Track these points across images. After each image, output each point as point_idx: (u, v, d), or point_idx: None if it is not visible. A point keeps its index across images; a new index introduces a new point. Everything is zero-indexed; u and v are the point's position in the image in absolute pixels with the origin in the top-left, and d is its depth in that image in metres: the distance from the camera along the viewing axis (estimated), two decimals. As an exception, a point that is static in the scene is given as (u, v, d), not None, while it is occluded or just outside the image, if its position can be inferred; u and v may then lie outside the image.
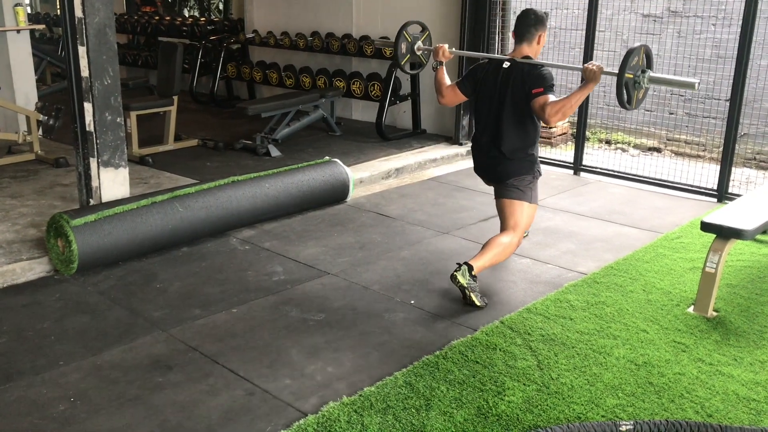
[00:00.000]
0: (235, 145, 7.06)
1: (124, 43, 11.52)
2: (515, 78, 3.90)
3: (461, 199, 5.80)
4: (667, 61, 7.19)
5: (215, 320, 3.65)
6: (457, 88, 4.16)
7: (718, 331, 3.55)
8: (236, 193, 4.86)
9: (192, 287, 4.05)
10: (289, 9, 9.04)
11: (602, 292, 3.98)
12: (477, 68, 4.13)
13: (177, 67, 6.89)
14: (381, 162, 6.69)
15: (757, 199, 4.22)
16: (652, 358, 3.27)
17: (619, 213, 5.43)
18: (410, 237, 4.91)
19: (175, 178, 5.94)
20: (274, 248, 4.65)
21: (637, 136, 7.71)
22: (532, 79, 3.83)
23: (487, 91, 4.03)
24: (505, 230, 4.00)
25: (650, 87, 3.75)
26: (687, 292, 3.98)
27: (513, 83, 3.90)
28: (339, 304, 3.85)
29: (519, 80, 3.88)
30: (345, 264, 4.41)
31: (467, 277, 3.76)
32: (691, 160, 6.90)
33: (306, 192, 5.28)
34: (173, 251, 4.55)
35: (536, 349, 3.35)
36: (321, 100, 7.52)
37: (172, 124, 6.96)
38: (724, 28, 6.82)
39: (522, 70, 3.88)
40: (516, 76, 3.89)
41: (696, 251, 4.54)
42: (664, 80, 3.78)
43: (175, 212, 4.51)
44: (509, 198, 4.01)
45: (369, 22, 8.15)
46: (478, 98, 4.11)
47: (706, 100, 7.19)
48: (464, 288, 3.77)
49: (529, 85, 3.82)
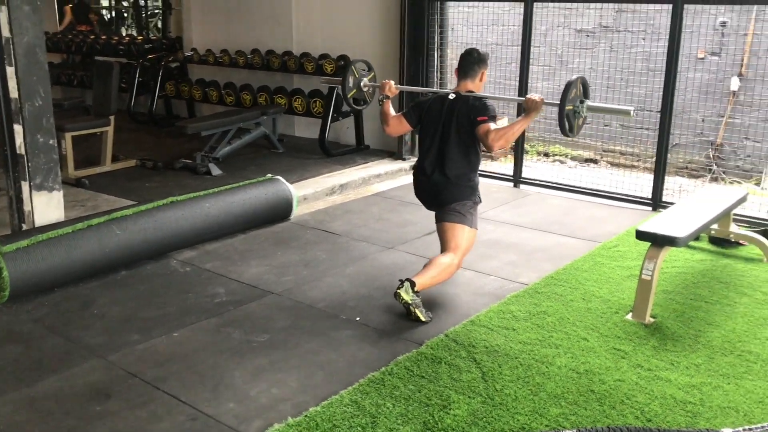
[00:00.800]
0: (175, 164, 6.94)
1: (58, 62, 11.25)
2: (460, 108, 4.09)
3: (406, 213, 5.83)
4: (601, 75, 7.41)
5: (155, 345, 3.56)
6: (404, 118, 4.34)
7: (655, 336, 3.65)
8: (176, 213, 4.78)
9: (131, 312, 3.95)
10: (228, 27, 8.98)
11: (543, 302, 4.05)
12: (422, 101, 4.36)
13: (113, 86, 6.76)
14: (325, 178, 6.68)
15: (689, 207, 4.37)
16: (593, 366, 3.34)
17: (559, 223, 5.54)
18: (355, 253, 4.90)
19: (113, 200, 5.81)
20: (215, 269, 4.58)
21: (574, 148, 7.90)
22: (476, 109, 4.05)
23: (433, 121, 4.20)
24: (445, 251, 4.05)
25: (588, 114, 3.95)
26: (625, 299, 4.08)
27: (458, 113, 4.09)
28: (283, 324, 3.81)
29: (464, 110, 4.08)
30: (289, 283, 4.37)
31: (410, 294, 3.77)
32: (626, 170, 7.09)
33: (248, 211, 5.23)
34: (111, 275, 4.44)
35: (480, 361, 3.38)
36: (262, 117, 7.47)
37: (109, 144, 6.81)
38: (653, 42, 7.07)
39: (467, 101, 4.10)
40: (461, 107, 4.10)
41: (633, 259, 4.66)
42: (602, 109, 4.05)
43: (112, 235, 4.40)
44: (451, 222, 4.09)
45: (309, 40, 8.16)
46: (423, 127, 4.26)
47: (639, 111, 7.42)
48: (408, 305, 3.78)
49: (474, 114, 4.03)
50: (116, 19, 14.49)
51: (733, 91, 7.07)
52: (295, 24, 8.27)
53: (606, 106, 4.02)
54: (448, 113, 4.12)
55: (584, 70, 7.74)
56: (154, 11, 14.18)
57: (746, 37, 7.05)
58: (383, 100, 4.38)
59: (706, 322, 3.80)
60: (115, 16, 14.56)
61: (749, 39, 7.02)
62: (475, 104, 4.06)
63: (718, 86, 7.18)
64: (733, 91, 7.08)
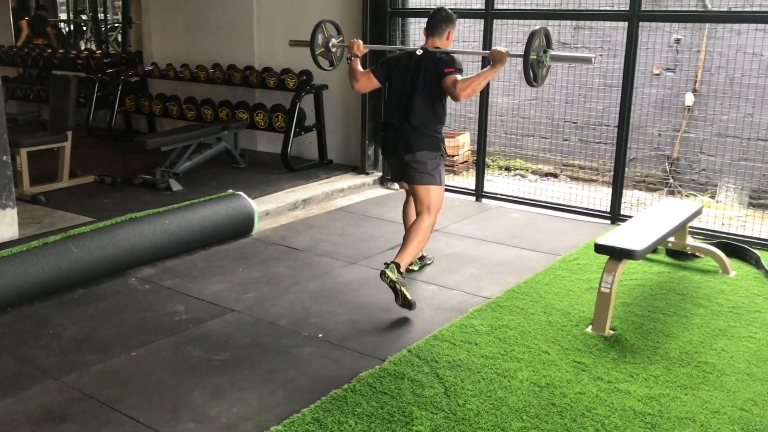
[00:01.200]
0: (134, 180, 6.84)
1: (14, 76, 11.03)
2: (427, 62, 4.24)
3: (369, 228, 5.82)
4: (559, 90, 7.53)
5: (113, 365, 3.49)
6: (372, 74, 4.45)
7: (615, 349, 3.69)
8: (135, 230, 4.70)
9: (88, 331, 3.86)
10: (189, 41, 8.91)
11: (505, 315, 4.08)
12: (390, 58, 4.50)
13: (71, 100, 6.64)
14: (287, 193, 6.65)
15: (647, 220, 4.45)
16: (554, 379, 3.36)
17: (520, 237, 5.60)
18: (318, 269, 4.88)
19: (70, 217, 5.69)
20: (175, 286, 4.51)
21: (535, 162, 8.00)
22: (444, 62, 4.18)
23: (401, 75, 4.34)
24: (420, 213, 4.33)
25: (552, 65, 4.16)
26: (585, 312, 4.12)
27: (425, 67, 4.24)
28: (244, 341, 3.77)
29: (431, 64, 4.22)
30: (251, 300, 4.33)
31: (395, 273, 3.98)
32: (585, 184, 7.21)
33: (209, 227, 5.17)
34: (68, 294, 4.34)
35: (443, 376, 3.38)
36: (224, 132, 7.41)
37: (66, 160, 6.68)
38: (610, 59, 7.21)
39: (434, 55, 4.26)
40: (428, 61, 4.24)
41: (592, 272, 4.73)
42: (564, 57, 4.22)
43: (69, 253, 4.31)
44: (418, 184, 4.31)
45: (271, 55, 8.14)
46: (392, 82, 4.42)
47: (597, 126, 7.56)
48: (394, 283, 3.96)
49: (441, 67, 4.16)
50: (75, 32, 14.29)
51: (688, 106, 7.25)
52: (257, 38, 8.24)
53: (568, 55, 4.18)
54: (416, 67, 4.27)
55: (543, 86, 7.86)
56: (114, 25, 14.03)
57: (699, 54, 7.24)
58: (351, 58, 4.52)
59: (664, 334, 3.86)
60: (73, 30, 14.36)
61: (702, 56, 7.21)
62: (442, 57, 4.21)
63: (674, 102, 7.35)
64: (687, 107, 7.25)
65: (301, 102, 7.36)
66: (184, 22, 8.90)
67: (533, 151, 7.92)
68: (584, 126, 7.64)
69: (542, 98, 7.86)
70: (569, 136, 7.78)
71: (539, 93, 7.79)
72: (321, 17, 7.63)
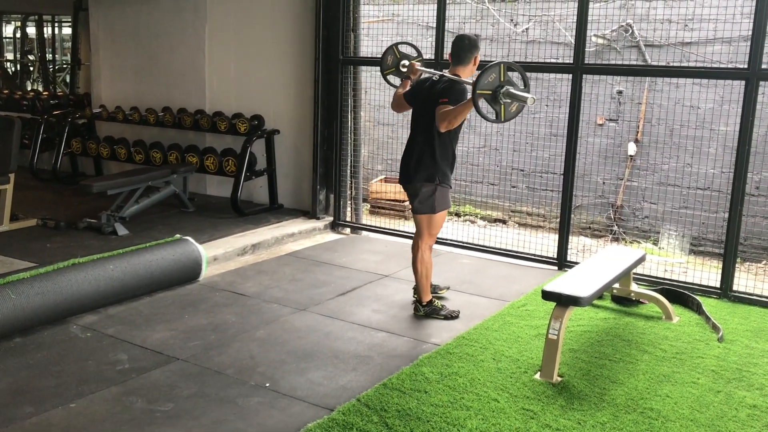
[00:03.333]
0: (79, 224, 6.68)
1: (-45, 116, 10.74)
2: (434, 90, 4.43)
3: (319, 274, 5.79)
4: (507, 139, 7.70)
5: (50, 418, 3.35)
6: (403, 97, 4.74)
7: (563, 395, 3.71)
8: (77, 276, 4.57)
9: (24, 382, 3.71)
10: (138, 84, 8.84)
11: (455, 362, 4.07)
12: (418, 82, 4.72)
13: (14, 142, 6.49)
14: (236, 238, 6.57)
15: (592, 267, 4.54)
16: (503, 428, 3.36)
17: (469, 283, 5.63)
18: (266, 315, 4.81)
19: (9, 262, 5.51)
20: (118, 334, 4.38)
21: (484, 208, 8.12)
22: (441, 91, 4.35)
23: (417, 101, 4.61)
24: (415, 240, 4.73)
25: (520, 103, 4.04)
26: (534, 358, 4.15)
27: (432, 94, 4.42)
28: (189, 391, 3.66)
29: (436, 92, 4.39)
30: (196, 348, 4.23)
31: (421, 310, 4.68)
32: (533, 230, 7.34)
33: (155, 272, 5.06)
34: (4, 343, 4.17)
35: (392, 425, 3.34)
36: (172, 176, 7.32)
37: (7, 203, 6.50)
38: (556, 109, 7.43)
39: (441, 83, 4.42)
40: (435, 89, 4.43)
41: (540, 318, 4.78)
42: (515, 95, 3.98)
43: (6, 300, 4.16)
44: (416, 213, 4.68)
45: (223, 99, 8.13)
46: (413, 107, 4.69)
47: (544, 174, 7.74)
48: (429, 315, 4.67)
49: (438, 96, 4.33)
50: (21, 73, 14.04)
51: (631, 155, 7.49)
52: (209, 82, 8.24)
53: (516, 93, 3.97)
54: (426, 94, 4.47)
55: (492, 134, 8.04)
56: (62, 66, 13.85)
57: (641, 106, 7.53)
58: (403, 79, 4.84)
59: (610, 380, 3.91)
60: (19, 70, 14.11)
61: (643, 107, 7.50)
62: (443, 86, 4.36)
63: (617, 151, 7.60)
64: (630, 156, 7.50)
65: (252, 146, 7.34)
66: (134, 65, 8.85)
67: (482, 198, 8.05)
68: (531, 173, 7.81)
69: (491, 146, 8.02)
70: (517, 183, 7.94)
71: (487, 140, 7.96)
72: (274, 62, 7.73)
